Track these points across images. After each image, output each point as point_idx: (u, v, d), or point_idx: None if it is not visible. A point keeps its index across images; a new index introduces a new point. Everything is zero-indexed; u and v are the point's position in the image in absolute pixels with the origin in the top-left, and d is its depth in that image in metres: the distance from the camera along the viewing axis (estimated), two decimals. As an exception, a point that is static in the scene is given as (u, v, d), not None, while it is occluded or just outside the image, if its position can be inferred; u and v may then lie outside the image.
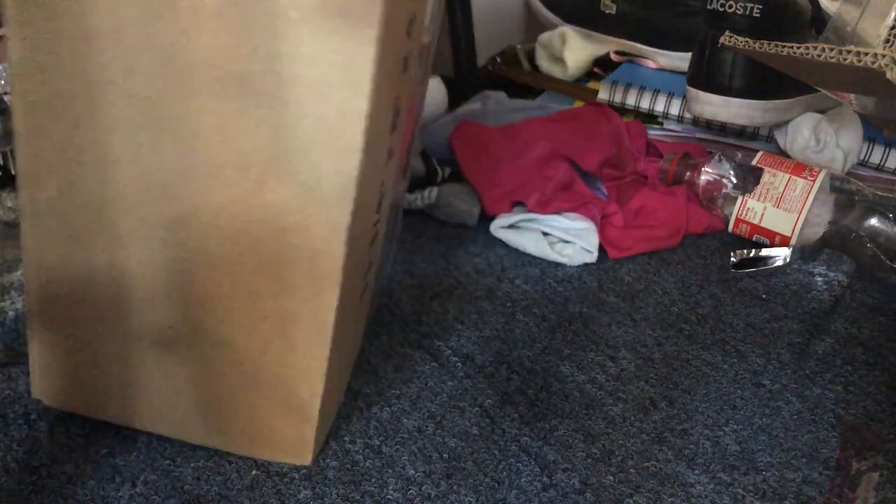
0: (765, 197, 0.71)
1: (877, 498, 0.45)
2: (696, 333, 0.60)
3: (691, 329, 0.60)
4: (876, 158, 0.80)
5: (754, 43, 0.53)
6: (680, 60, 0.86)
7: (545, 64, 1.02)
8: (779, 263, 0.69)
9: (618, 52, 0.94)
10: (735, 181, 0.73)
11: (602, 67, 0.97)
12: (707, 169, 0.75)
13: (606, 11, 0.92)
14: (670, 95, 0.85)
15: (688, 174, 0.76)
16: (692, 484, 0.45)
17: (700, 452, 0.48)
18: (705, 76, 0.77)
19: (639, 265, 0.69)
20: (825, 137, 0.78)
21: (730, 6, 0.72)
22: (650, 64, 0.91)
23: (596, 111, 0.85)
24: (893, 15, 0.61)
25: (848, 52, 0.43)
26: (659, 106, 0.86)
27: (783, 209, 0.70)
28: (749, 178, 0.72)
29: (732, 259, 0.69)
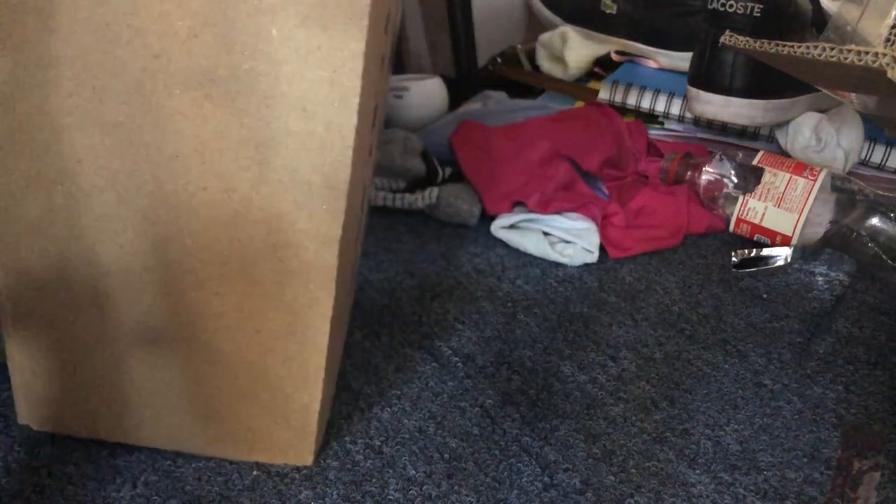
0: (766, 196, 0.70)
1: (878, 498, 0.44)
2: (697, 333, 0.60)
3: (692, 329, 0.60)
4: (877, 158, 0.80)
5: (755, 42, 0.53)
6: (681, 60, 0.86)
7: (546, 64, 1.02)
8: (780, 263, 0.69)
9: (618, 52, 0.94)
10: (736, 181, 0.73)
11: (603, 67, 0.97)
12: (708, 169, 0.75)
13: (607, 11, 0.92)
14: (671, 95, 0.85)
15: (689, 174, 0.76)
16: (693, 484, 0.45)
17: (701, 452, 0.48)
18: (706, 76, 0.77)
19: (640, 265, 0.69)
20: (826, 137, 0.78)
21: (730, 6, 0.72)
22: (651, 64, 0.91)
23: (597, 111, 0.85)
24: (894, 14, 0.61)
25: (849, 52, 0.43)
26: (660, 106, 0.86)
27: (784, 209, 0.70)
28: (750, 178, 0.72)
29: (733, 259, 0.69)
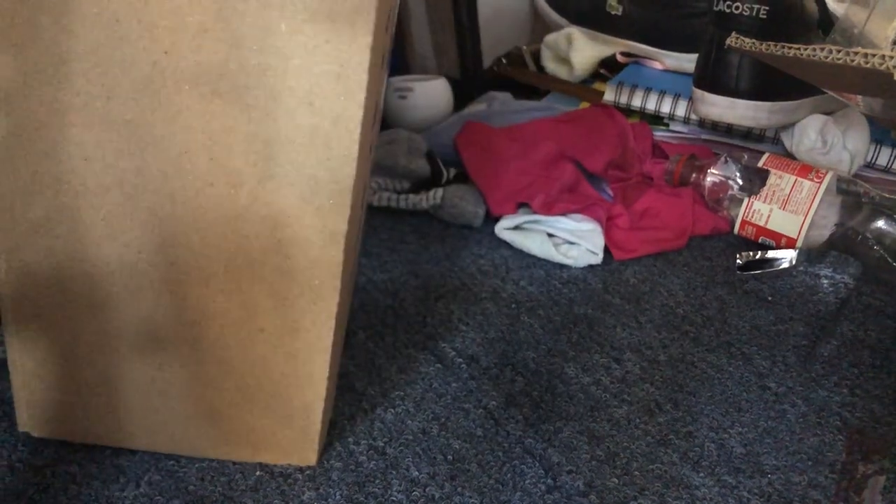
0: (771, 199, 0.70)
1: (883, 501, 0.44)
2: (702, 335, 0.59)
3: (696, 331, 0.60)
4: (883, 160, 0.80)
5: (761, 44, 0.53)
6: (686, 62, 0.86)
7: (551, 65, 1.02)
8: (785, 265, 0.69)
9: (624, 54, 0.94)
10: (741, 183, 0.73)
11: (608, 68, 0.97)
12: (713, 170, 0.75)
13: (613, 13, 0.92)
14: (676, 97, 0.85)
15: (694, 176, 0.76)
16: (697, 486, 0.45)
17: (705, 455, 0.48)
18: (711, 77, 0.77)
19: (644, 267, 0.69)
20: (832, 139, 0.77)
21: (736, 7, 0.72)
22: (656, 65, 0.91)
23: (601, 112, 0.84)
24: (901, 16, 0.61)
25: (855, 54, 0.43)
26: (665, 107, 0.86)
27: (789, 211, 0.69)
28: (755, 180, 0.72)
29: (738, 261, 0.69)
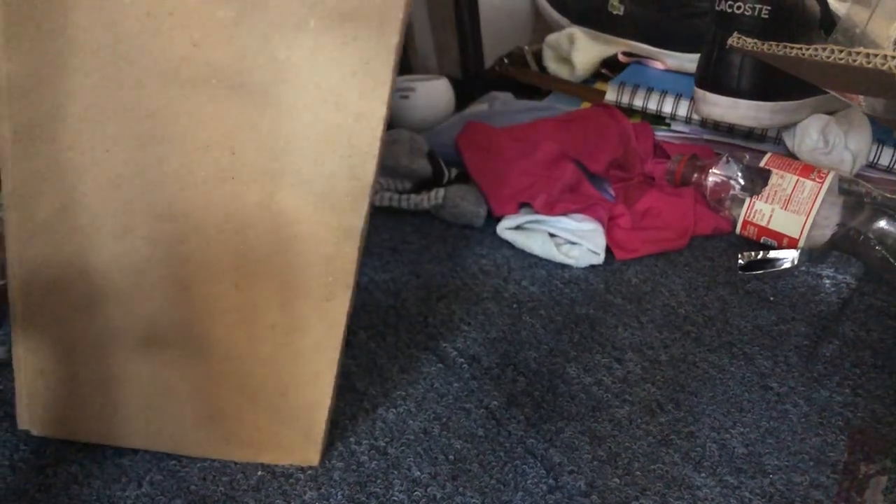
0: (773, 199, 0.70)
1: (885, 502, 0.44)
2: (703, 336, 0.59)
3: (698, 331, 0.60)
4: (885, 160, 0.80)
5: (762, 44, 0.53)
6: (688, 62, 0.86)
7: (552, 65, 1.02)
8: (786, 266, 0.68)
9: (625, 53, 0.94)
10: (743, 183, 0.73)
11: (610, 68, 0.97)
12: (715, 170, 0.75)
13: (614, 12, 0.92)
14: (678, 97, 0.85)
15: (695, 176, 0.76)
16: (699, 487, 0.45)
17: (707, 455, 0.48)
18: (713, 77, 0.77)
19: (646, 267, 0.69)
20: (834, 139, 0.77)
21: (738, 7, 0.72)
22: (658, 65, 0.91)
23: (603, 112, 0.84)
24: (903, 16, 0.61)
25: (857, 54, 0.43)
26: (666, 107, 0.86)
27: (791, 211, 0.69)
28: (757, 180, 0.72)
29: (740, 261, 0.69)
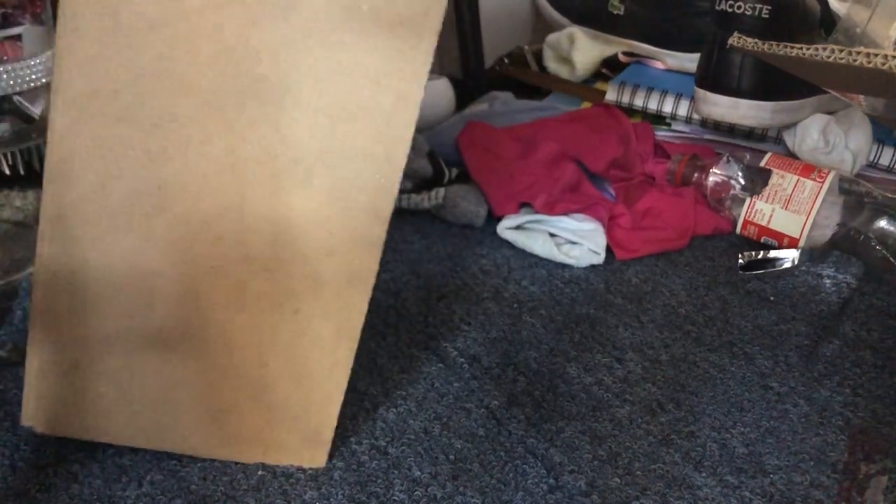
0: (773, 198, 0.70)
1: (885, 502, 0.44)
2: (704, 335, 0.59)
3: (699, 331, 0.60)
4: (885, 160, 0.80)
5: (763, 44, 0.53)
6: (688, 61, 0.86)
7: (553, 65, 1.02)
8: (787, 265, 0.68)
9: (626, 53, 0.94)
10: (743, 183, 0.73)
11: (610, 68, 0.97)
12: (715, 170, 0.75)
13: (615, 12, 0.92)
14: (678, 97, 0.85)
15: (696, 175, 0.76)
16: (699, 486, 0.45)
17: (707, 455, 0.48)
18: (714, 77, 0.77)
19: (646, 267, 0.69)
20: (834, 139, 0.77)
21: (738, 7, 0.72)
22: (658, 65, 0.91)
23: (603, 112, 0.84)
24: (903, 16, 0.61)
25: (857, 54, 0.43)
26: (667, 107, 0.86)
27: (792, 211, 0.69)
28: (757, 180, 0.72)
29: (740, 261, 0.69)
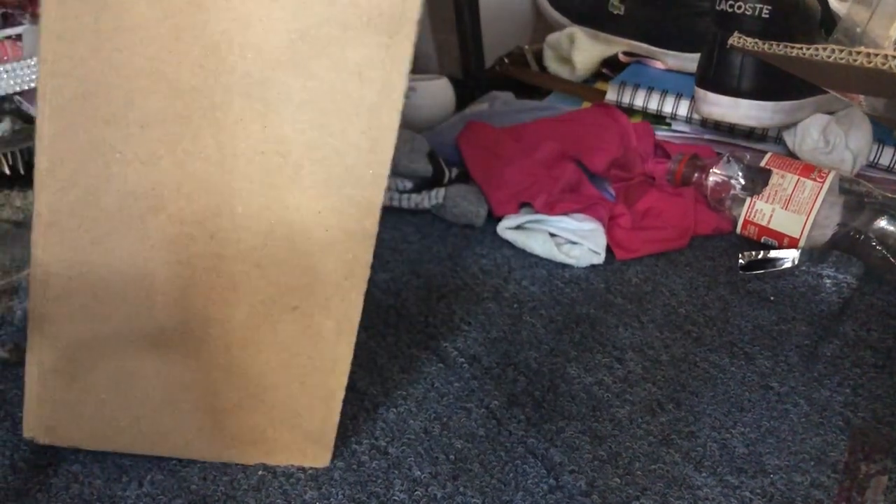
0: (773, 198, 0.70)
1: (885, 502, 0.44)
2: (704, 335, 0.59)
3: (699, 331, 0.60)
4: (885, 160, 0.80)
5: (763, 44, 0.53)
6: (688, 61, 0.86)
7: (553, 65, 1.02)
8: (787, 265, 0.68)
9: (626, 53, 0.94)
10: (743, 182, 0.73)
11: (610, 68, 0.97)
12: (715, 170, 0.75)
13: (615, 12, 0.92)
14: (678, 96, 0.85)
15: (696, 175, 0.76)
16: (699, 486, 0.45)
17: (707, 455, 0.48)
18: (714, 77, 0.77)
19: (646, 267, 0.69)
20: (834, 139, 0.77)
21: (738, 7, 0.72)
22: (658, 65, 0.91)
23: (604, 112, 0.84)
24: (904, 16, 0.61)
25: (858, 54, 0.43)
26: (667, 107, 0.86)
27: (792, 211, 0.69)
28: (757, 180, 0.72)
29: (740, 261, 0.69)
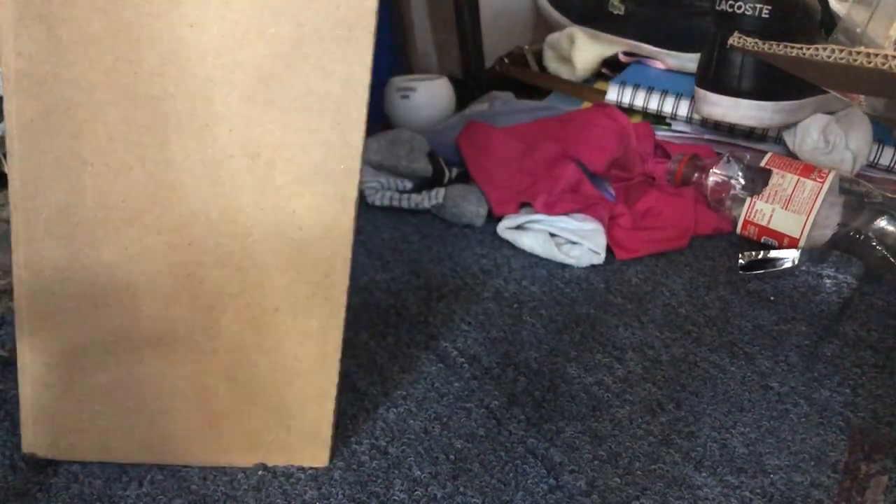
0: (773, 198, 0.70)
1: (886, 502, 0.44)
2: (704, 335, 0.59)
3: (699, 331, 0.60)
4: (885, 160, 0.80)
5: (763, 44, 0.53)
6: (688, 61, 0.86)
7: (553, 65, 1.02)
8: (787, 265, 0.68)
9: (626, 53, 0.94)
10: (743, 183, 0.73)
11: (610, 68, 0.97)
12: (715, 170, 0.75)
13: (615, 12, 0.92)
14: (678, 96, 0.85)
15: (696, 175, 0.76)
16: (699, 486, 0.45)
17: (707, 455, 0.48)
18: (714, 77, 0.77)
19: (646, 267, 0.69)
20: (834, 139, 0.77)
21: (739, 7, 0.72)
22: (658, 65, 0.91)
23: (604, 112, 0.84)
24: (904, 16, 0.61)
25: (857, 54, 0.43)
26: (667, 107, 0.86)
27: (792, 211, 0.69)
28: (757, 180, 0.72)
29: (740, 261, 0.69)
